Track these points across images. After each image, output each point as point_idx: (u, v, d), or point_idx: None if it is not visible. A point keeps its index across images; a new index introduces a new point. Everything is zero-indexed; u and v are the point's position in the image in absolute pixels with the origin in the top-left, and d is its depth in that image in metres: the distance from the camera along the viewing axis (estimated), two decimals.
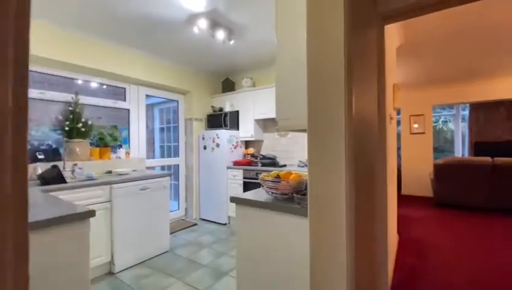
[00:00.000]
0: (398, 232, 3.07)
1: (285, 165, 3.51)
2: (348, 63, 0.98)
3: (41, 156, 2.49)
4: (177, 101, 4.14)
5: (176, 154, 4.15)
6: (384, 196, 1.52)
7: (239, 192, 3.58)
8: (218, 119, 3.97)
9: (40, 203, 1.47)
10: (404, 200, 5.00)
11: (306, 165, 3.10)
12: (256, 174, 3.43)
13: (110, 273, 2.37)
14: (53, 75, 2.75)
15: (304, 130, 1.63)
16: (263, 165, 3.60)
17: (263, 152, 4.08)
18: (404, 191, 5.66)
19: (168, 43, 3.07)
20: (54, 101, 2.77)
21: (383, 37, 1.51)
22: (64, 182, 2.23)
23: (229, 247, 2.95)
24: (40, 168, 2.39)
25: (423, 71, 4.22)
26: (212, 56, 3.53)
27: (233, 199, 1.54)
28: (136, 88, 3.50)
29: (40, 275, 1.08)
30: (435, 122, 7.44)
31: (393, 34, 2.45)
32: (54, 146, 2.81)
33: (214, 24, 2.50)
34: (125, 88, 3.42)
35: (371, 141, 1.33)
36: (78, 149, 2.57)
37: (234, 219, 3.68)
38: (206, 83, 4.28)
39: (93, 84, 3.21)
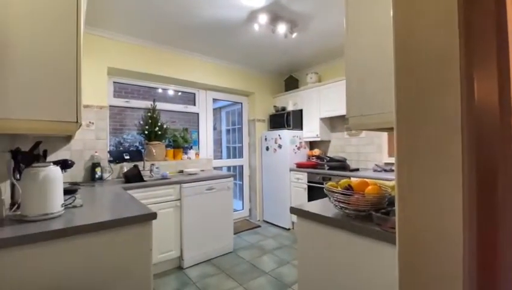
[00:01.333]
0: None
1: (357, 169, 3.09)
2: (466, 36, 0.67)
3: (127, 157, 2.85)
4: (241, 103, 4.20)
5: (240, 155, 4.21)
6: None
7: (303, 197, 3.35)
8: (280, 119, 3.83)
9: (114, 203, 1.61)
10: None
11: (384, 170, 2.63)
12: (323, 178, 3.13)
13: (179, 268, 2.52)
14: (135, 85, 3.13)
15: (384, 129, 1.31)
16: (330, 168, 3.27)
17: (330, 154, 3.73)
18: None
19: (231, 45, 3.10)
20: (136, 108, 3.16)
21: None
22: (143, 180, 2.48)
23: (292, 255, 2.76)
24: (125, 167, 2.74)
25: None
26: (274, 54, 3.41)
27: (294, 210, 1.36)
28: (204, 93, 3.69)
29: (105, 273, 1.14)
30: None
31: None
32: (137, 148, 3.19)
33: (275, 18, 2.36)
34: (194, 93, 3.64)
35: (492, 140, 0.93)
36: (154, 150, 2.84)
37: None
38: (268, 83, 4.20)
39: (169, 92, 3.54)
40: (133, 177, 2.43)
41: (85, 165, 2.54)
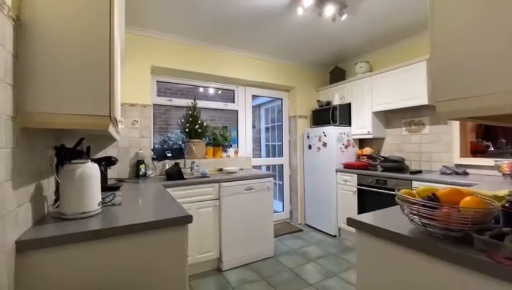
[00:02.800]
0: None
1: (419, 172, 2.63)
2: None
3: (169, 154, 2.87)
4: (281, 99, 3.98)
5: (280, 153, 4.00)
6: None
7: (352, 202, 3.00)
8: (325, 115, 3.50)
9: (151, 202, 1.55)
10: None
11: (455, 173, 2.16)
12: (376, 181, 2.74)
13: (218, 269, 2.43)
14: (177, 83, 3.15)
15: (489, 119, 0.98)
16: (385, 169, 2.85)
17: (384, 153, 3.28)
18: None
19: (271, 37, 2.91)
20: (179, 106, 3.18)
21: None
22: (183, 178, 2.44)
23: (340, 266, 2.46)
24: (167, 164, 2.76)
25: None
26: (318, 43, 3.11)
27: (352, 222, 1.10)
28: (244, 89, 3.57)
29: (137, 277, 1.05)
30: None
31: None
32: (180, 146, 3.22)
33: None
34: (234, 90, 3.55)
35: None
36: (195, 148, 2.81)
37: (346, 232, 3.14)
38: (311, 76, 3.90)
39: (209, 90, 3.51)
40: (174, 175, 2.41)
41: (130, 162, 2.61)
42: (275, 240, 3.06)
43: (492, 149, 2.65)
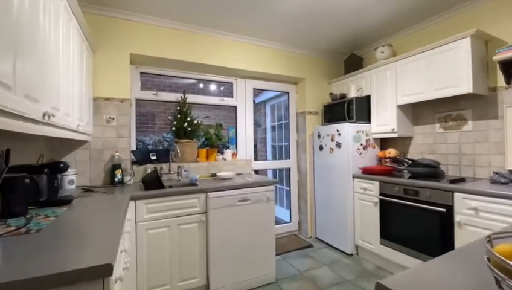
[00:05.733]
0: None
1: (462, 180, 2.05)
2: None
3: (153, 157, 2.46)
4: (288, 93, 3.48)
5: (288, 155, 3.50)
6: None
7: (373, 215, 2.45)
8: (339, 110, 2.97)
9: (78, 232, 1.11)
10: None
11: None
12: (404, 191, 2.18)
13: None
14: (165, 75, 2.73)
15: None
16: (414, 176, 2.29)
17: (413, 155, 2.70)
18: None
19: (275, 19, 2.42)
20: (168, 102, 2.76)
21: None
22: (162, 186, 2.01)
23: None
24: (149, 169, 2.34)
25: None
26: (331, 24, 2.59)
27: None
28: (243, 82, 3.11)
29: None
30: None
31: None
32: (167, 147, 2.80)
33: None
34: (232, 83, 3.10)
35: None
36: (180, 150, 2.37)
37: (365, 251, 2.59)
38: (322, 66, 3.38)
39: (203, 85, 3.09)
40: (151, 183, 1.98)
41: (105, 166, 2.22)
42: (278, 258, 2.58)
43: None
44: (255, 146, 4.37)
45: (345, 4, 2.23)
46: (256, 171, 3.15)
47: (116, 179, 2.15)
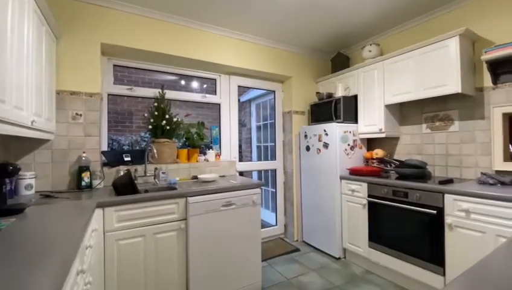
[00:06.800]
0: None
1: (450, 181, 2.01)
2: None
3: (127, 159, 2.23)
4: (274, 92, 3.36)
5: (273, 156, 3.37)
6: None
7: (361, 217, 2.38)
8: (326, 110, 2.89)
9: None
10: None
11: (500, 183, 1.35)
12: (393, 192, 2.13)
13: None
14: (141, 69, 2.51)
15: None
16: (402, 177, 2.25)
17: (400, 156, 2.67)
18: None
19: (261, 13, 2.29)
20: (144, 98, 2.54)
21: None
22: (135, 191, 1.80)
23: None
24: (122, 171, 2.12)
25: None
26: (320, 23, 2.50)
27: None
28: (227, 78, 2.95)
29: None
30: None
31: None
32: (143, 147, 2.58)
33: None
34: (215, 79, 2.92)
35: None
36: (156, 150, 2.16)
37: (353, 255, 2.51)
38: (309, 65, 3.29)
39: (185, 80, 2.89)
40: (123, 188, 1.77)
41: (70, 169, 1.97)
42: (264, 265, 2.44)
43: None
44: (240, 146, 4.22)
45: (334, 1, 2.15)
46: (241, 173, 3.00)
47: (83, 183, 1.91)
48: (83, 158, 1.95)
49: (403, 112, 2.64)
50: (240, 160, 3.18)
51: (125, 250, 1.59)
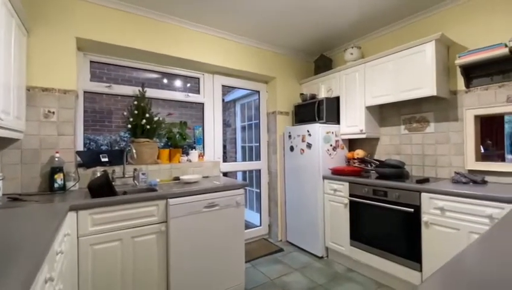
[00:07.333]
0: None
1: (426, 180, 2.10)
2: None
3: (104, 159, 2.13)
4: (259, 92, 3.35)
5: (258, 156, 3.37)
6: None
7: (343, 216, 2.42)
8: (309, 111, 2.92)
9: None
10: None
11: (473, 181, 1.42)
12: (374, 191, 2.18)
13: None
14: (117, 65, 2.41)
15: None
16: (381, 176, 2.32)
17: (379, 156, 2.75)
18: None
19: (245, 13, 2.27)
20: (124, 96, 2.45)
21: None
22: (113, 193, 1.73)
23: None
24: (99, 173, 2.02)
25: None
26: (303, 24, 2.52)
27: None
28: (211, 77, 2.91)
29: None
30: None
31: None
32: (122, 147, 2.49)
33: None
34: (198, 78, 2.87)
35: None
36: (135, 150, 2.09)
37: (335, 254, 2.55)
38: (293, 66, 3.32)
39: (166, 81, 2.82)
40: (99, 189, 1.69)
41: (42, 170, 1.85)
42: (248, 266, 2.42)
43: (483, 151, 2.21)
44: (225, 147, 4.18)
45: (322, 3, 2.17)
46: (226, 174, 2.97)
47: (56, 185, 1.81)
48: (56, 159, 1.85)
49: (383, 113, 2.72)
50: (225, 160, 3.15)
51: (100, 255, 1.52)
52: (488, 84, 1.99)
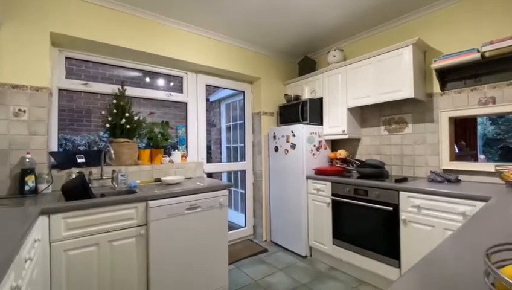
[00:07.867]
0: None
1: (405, 179, 2.17)
2: None
3: (81, 160, 2.04)
4: (243, 93, 3.34)
5: (243, 157, 3.35)
6: None
7: (325, 215, 2.46)
8: (293, 112, 2.95)
9: None
10: None
11: (447, 181, 1.42)
12: (355, 190, 2.23)
13: None
14: (95, 62, 2.32)
15: None
16: (362, 176, 2.37)
17: (361, 156, 2.82)
18: None
19: (230, 12, 2.25)
20: (103, 94, 2.35)
21: None
22: (89, 195, 1.65)
23: None
24: (75, 174, 1.93)
25: None
26: (289, 24, 2.54)
27: None
28: (195, 77, 2.86)
29: None
30: None
31: None
32: (100, 148, 2.39)
33: None
34: (182, 77, 2.82)
35: None
36: (113, 151, 2.01)
37: (319, 253, 2.59)
38: (278, 67, 3.34)
39: (149, 79, 2.74)
40: (74, 192, 1.61)
41: (11, 172, 1.74)
42: (232, 268, 2.40)
43: (457, 151, 2.34)
44: (209, 147, 4.14)
45: (303, 4, 2.19)
46: (210, 175, 2.93)
47: (26, 188, 1.70)
48: (27, 160, 1.74)
49: (364, 114, 2.80)
50: (209, 161, 3.11)
51: (75, 261, 1.44)
52: (461, 88, 2.10)
